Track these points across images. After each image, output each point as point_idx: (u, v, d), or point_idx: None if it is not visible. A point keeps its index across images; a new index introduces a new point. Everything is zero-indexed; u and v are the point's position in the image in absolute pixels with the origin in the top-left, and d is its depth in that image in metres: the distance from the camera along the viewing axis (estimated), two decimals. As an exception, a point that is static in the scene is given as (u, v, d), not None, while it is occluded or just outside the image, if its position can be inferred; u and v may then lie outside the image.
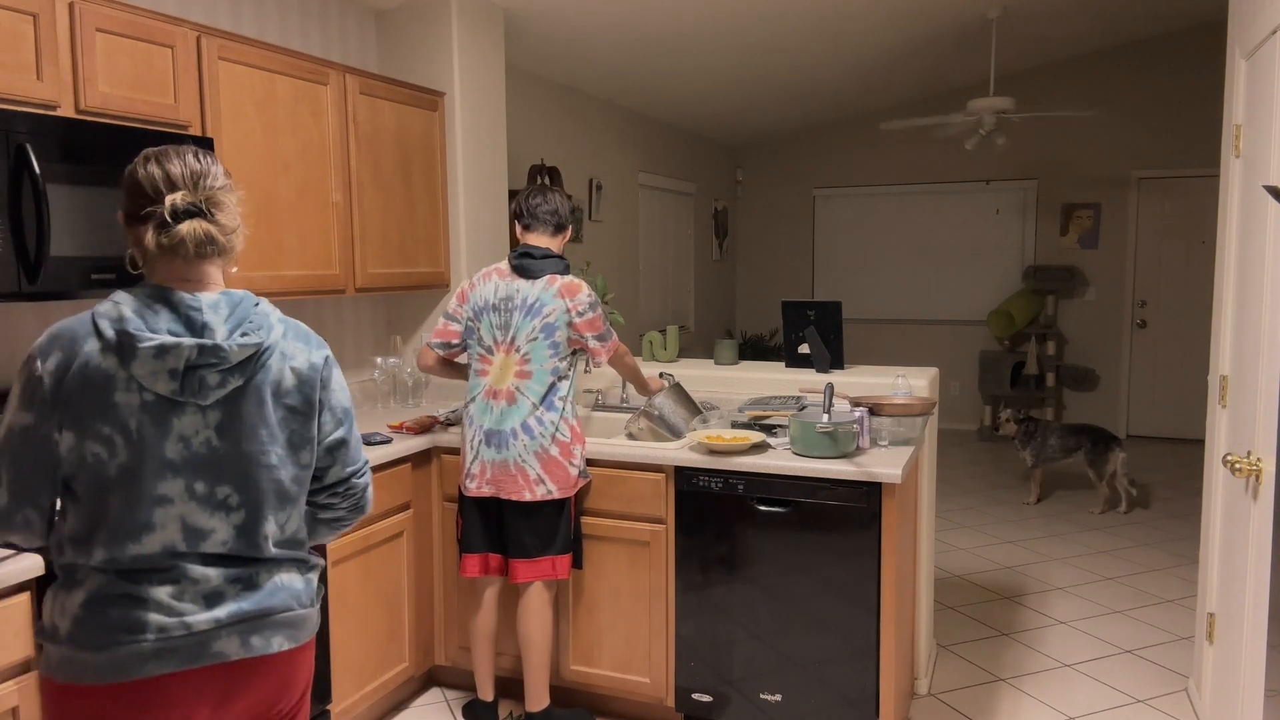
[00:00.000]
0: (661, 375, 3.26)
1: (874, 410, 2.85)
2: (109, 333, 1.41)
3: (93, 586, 1.43)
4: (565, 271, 2.84)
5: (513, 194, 4.83)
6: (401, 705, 3.24)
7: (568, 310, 2.78)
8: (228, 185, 1.53)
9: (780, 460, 2.74)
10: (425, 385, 3.85)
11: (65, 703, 1.42)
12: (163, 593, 1.44)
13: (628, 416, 3.41)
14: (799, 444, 2.77)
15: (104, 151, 2.26)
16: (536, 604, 2.85)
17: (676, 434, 3.04)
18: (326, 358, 1.60)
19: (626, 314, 6.79)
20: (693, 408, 3.10)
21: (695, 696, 2.92)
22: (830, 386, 2.78)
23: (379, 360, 3.71)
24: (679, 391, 3.11)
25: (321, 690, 2.71)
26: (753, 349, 8.24)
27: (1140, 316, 7.72)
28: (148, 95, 2.46)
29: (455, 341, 2.88)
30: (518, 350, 2.79)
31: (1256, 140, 2.50)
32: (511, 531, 2.83)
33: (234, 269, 1.59)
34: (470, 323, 2.86)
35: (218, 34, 2.68)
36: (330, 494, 1.64)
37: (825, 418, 2.73)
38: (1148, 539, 5.04)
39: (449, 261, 3.86)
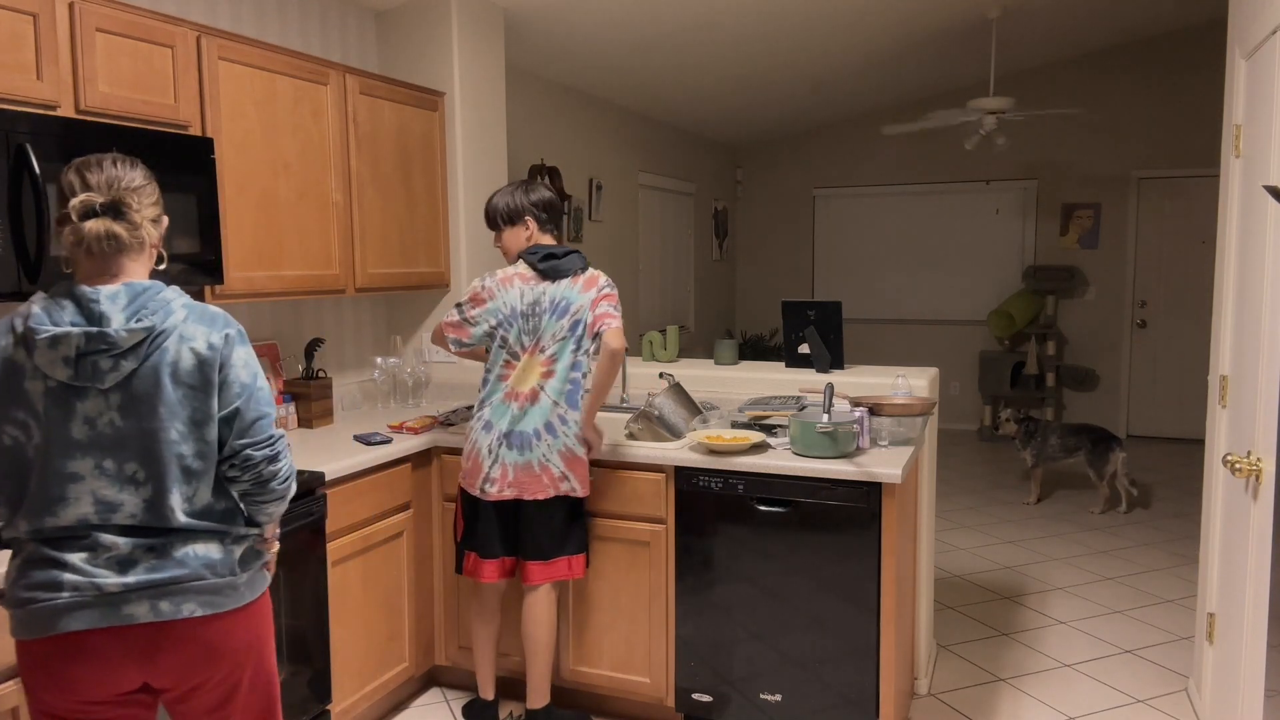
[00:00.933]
0: (661, 375, 3.26)
1: (874, 410, 2.85)
2: (19, 328, 1.58)
3: (24, 554, 1.61)
4: (586, 266, 2.84)
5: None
6: (401, 705, 3.24)
7: (593, 301, 2.79)
8: (143, 187, 1.66)
9: (780, 460, 2.74)
10: (425, 385, 3.85)
11: (21, 659, 1.61)
12: (78, 558, 1.58)
13: (628, 416, 3.41)
14: (799, 444, 2.77)
15: (104, 151, 2.25)
16: (545, 604, 2.85)
17: (676, 434, 3.04)
18: (227, 336, 1.67)
19: (627, 314, 6.79)
20: (693, 408, 3.10)
21: (695, 696, 2.92)
22: (830, 386, 2.78)
23: (379, 360, 3.71)
24: (679, 391, 3.11)
25: (321, 690, 2.71)
26: (753, 349, 8.24)
27: (1140, 316, 7.72)
28: (148, 95, 2.46)
29: (468, 341, 2.85)
30: (543, 351, 2.77)
31: (1256, 140, 2.50)
32: (527, 533, 2.82)
33: (160, 265, 1.72)
34: (492, 329, 2.80)
35: (218, 34, 2.68)
36: (230, 465, 1.69)
37: (825, 418, 2.73)
38: (1148, 539, 5.04)
39: (449, 261, 3.86)
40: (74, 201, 1.59)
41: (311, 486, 2.64)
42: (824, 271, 8.82)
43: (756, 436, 2.87)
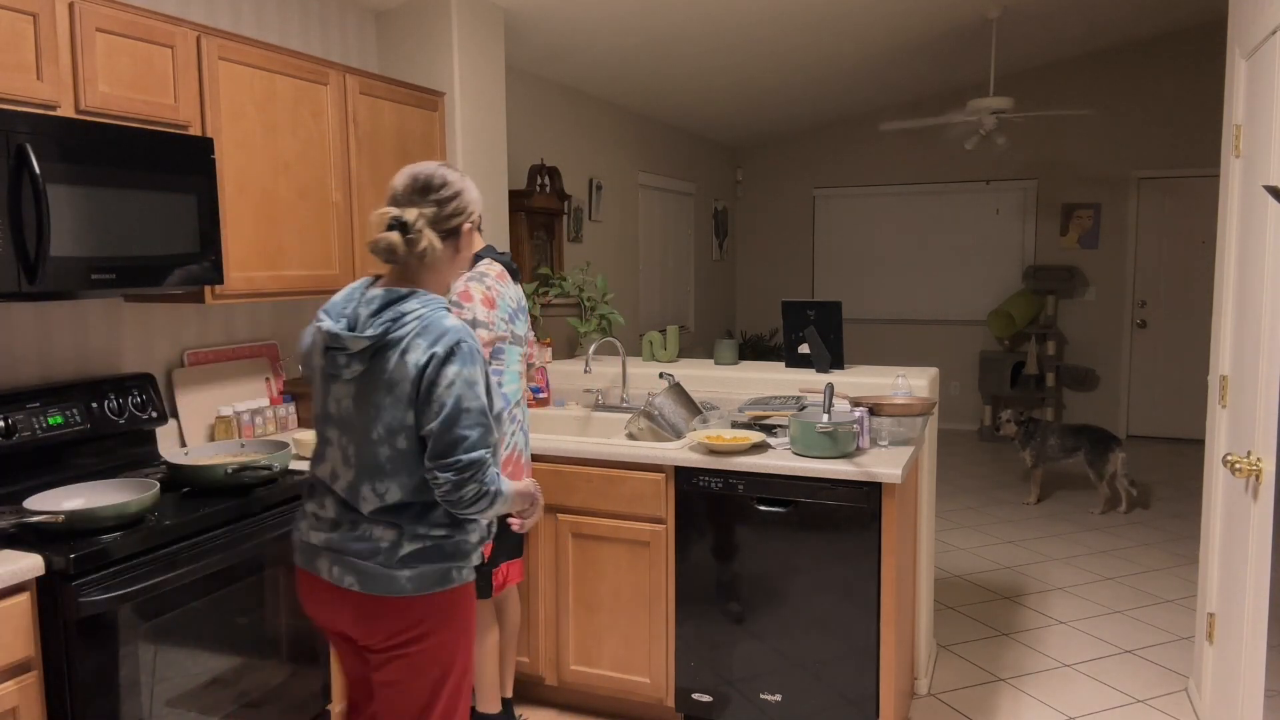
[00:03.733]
0: (661, 375, 3.26)
1: (874, 410, 2.85)
2: (319, 315, 1.87)
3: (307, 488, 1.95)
4: None
5: (513, 194, 4.83)
6: (401, 705, 3.24)
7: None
8: (428, 208, 1.84)
9: (780, 460, 2.74)
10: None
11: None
12: (311, 505, 1.90)
13: (628, 416, 3.41)
14: (799, 444, 2.77)
15: (104, 151, 2.25)
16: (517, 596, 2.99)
17: (677, 434, 3.03)
18: (433, 355, 1.74)
19: (626, 314, 6.79)
20: (693, 408, 3.10)
21: (695, 696, 2.92)
22: (830, 386, 2.78)
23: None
24: (679, 391, 3.11)
25: (321, 691, 2.71)
26: (753, 349, 8.24)
27: (1140, 316, 7.72)
28: (148, 95, 2.46)
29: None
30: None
31: (1256, 140, 2.50)
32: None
33: (469, 268, 1.98)
34: (506, 326, 2.74)
35: (218, 34, 2.68)
36: (429, 473, 1.78)
37: (825, 418, 2.73)
38: (1148, 539, 5.04)
39: (449, 261, 3.86)
40: (373, 215, 1.82)
41: (311, 486, 2.64)
42: (824, 271, 8.82)
43: (756, 436, 2.87)
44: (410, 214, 1.80)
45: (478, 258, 2.82)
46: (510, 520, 2.23)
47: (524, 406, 2.79)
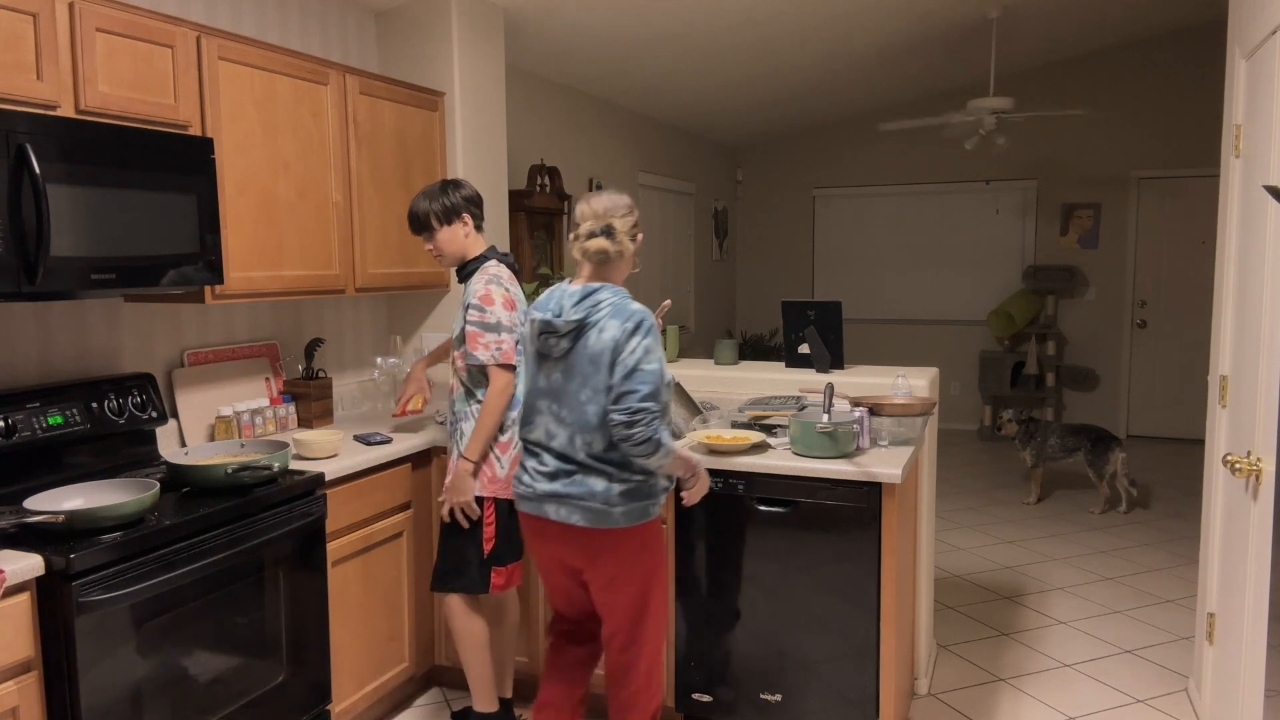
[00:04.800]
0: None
1: (874, 410, 2.85)
2: (531, 311, 2.36)
3: (522, 450, 2.42)
4: None
5: (513, 194, 4.82)
6: (402, 705, 3.24)
7: None
8: (626, 215, 2.31)
9: (780, 460, 2.74)
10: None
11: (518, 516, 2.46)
12: (531, 464, 2.36)
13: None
14: (799, 444, 2.77)
15: (104, 151, 2.25)
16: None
17: (677, 434, 3.03)
18: (624, 329, 2.22)
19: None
20: (693, 408, 3.10)
21: (695, 696, 2.92)
22: (830, 386, 2.78)
23: (379, 360, 3.71)
24: (679, 391, 3.11)
25: (321, 690, 2.71)
26: (753, 349, 8.24)
27: (1140, 316, 7.72)
28: (148, 95, 2.46)
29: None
30: None
31: (1256, 140, 2.50)
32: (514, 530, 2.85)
33: (635, 269, 2.40)
34: (522, 328, 2.74)
35: (218, 34, 2.68)
36: (608, 416, 2.23)
37: (825, 418, 2.73)
38: (1148, 539, 5.04)
39: (449, 261, 3.86)
40: (582, 228, 2.29)
41: (311, 487, 2.64)
42: (824, 271, 8.82)
43: (756, 436, 2.87)
44: (617, 223, 2.29)
45: (483, 258, 2.81)
46: (682, 494, 2.51)
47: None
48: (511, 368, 2.71)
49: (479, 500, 2.74)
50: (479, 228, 2.85)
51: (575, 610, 2.52)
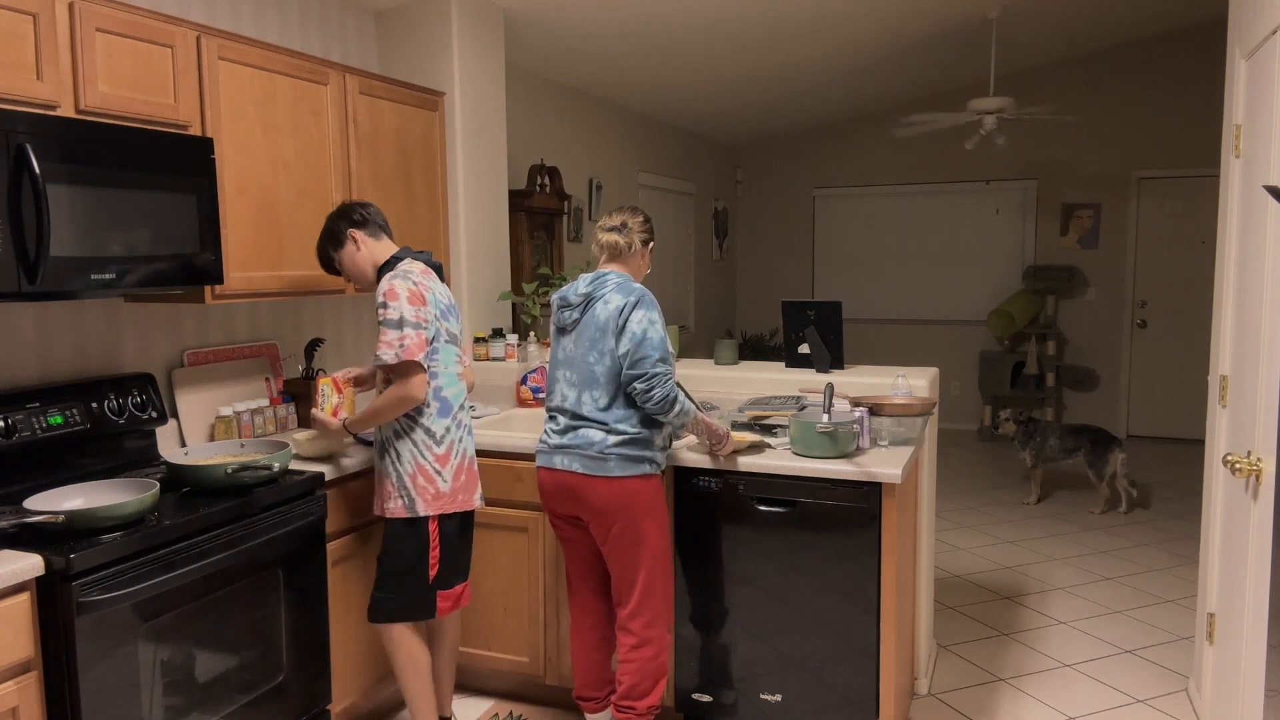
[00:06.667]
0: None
1: (874, 410, 2.85)
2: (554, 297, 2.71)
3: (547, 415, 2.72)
4: None
5: (513, 194, 4.82)
6: (401, 705, 3.23)
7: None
8: (641, 221, 2.69)
9: (780, 460, 2.74)
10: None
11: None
12: (550, 425, 2.66)
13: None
14: (799, 444, 2.77)
15: (104, 151, 2.25)
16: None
17: (677, 434, 3.03)
18: (627, 303, 2.54)
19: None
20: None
21: (695, 696, 2.92)
22: (830, 386, 2.78)
23: (379, 360, 3.71)
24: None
25: (321, 690, 2.71)
26: (753, 349, 8.24)
27: (1140, 316, 7.72)
28: (148, 95, 2.46)
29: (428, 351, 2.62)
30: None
31: (1256, 140, 2.50)
32: (469, 542, 2.80)
33: (647, 270, 2.73)
34: (436, 324, 2.62)
35: (218, 34, 2.68)
36: (628, 385, 2.53)
37: (825, 418, 2.73)
38: (1148, 539, 5.04)
39: (449, 261, 3.86)
40: (602, 223, 2.68)
41: (311, 487, 2.64)
42: (824, 271, 8.82)
43: (756, 436, 2.87)
44: (631, 222, 2.66)
45: (395, 259, 2.67)
46: (714, 448, 2.75)
47: (467, 410, 2.74)
48: (420, 366, 2.54)
49: (424, 520, 2.64)
50: (375, 234, 2.71)
51: (594, 579, 2.76)
